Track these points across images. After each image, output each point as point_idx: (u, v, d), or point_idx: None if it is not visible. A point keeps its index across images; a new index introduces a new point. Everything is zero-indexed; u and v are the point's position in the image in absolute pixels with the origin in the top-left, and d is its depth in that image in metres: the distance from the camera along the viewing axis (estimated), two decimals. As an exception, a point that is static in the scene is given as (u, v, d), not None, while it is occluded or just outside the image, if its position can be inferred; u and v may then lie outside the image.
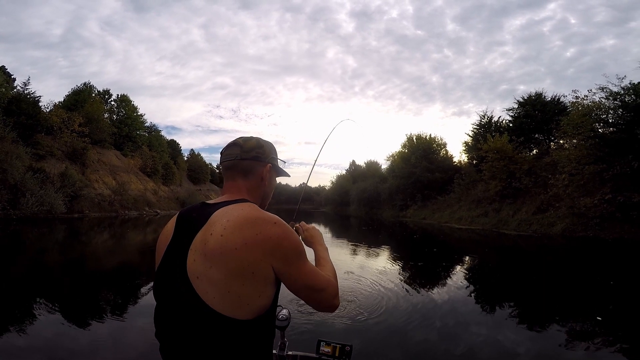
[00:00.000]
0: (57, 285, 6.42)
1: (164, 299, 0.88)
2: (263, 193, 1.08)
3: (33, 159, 24.92)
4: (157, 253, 0.97)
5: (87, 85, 41.96)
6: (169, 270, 0.88)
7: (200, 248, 0.83)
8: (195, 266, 0.82)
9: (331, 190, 69.97)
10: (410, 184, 33.93)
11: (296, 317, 4.28)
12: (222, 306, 0.79)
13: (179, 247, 0.88)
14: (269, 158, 1.06)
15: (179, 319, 0.83)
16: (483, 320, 4.78)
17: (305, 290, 0.92)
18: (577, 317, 4.95)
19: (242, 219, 0.85)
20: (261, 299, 0.83)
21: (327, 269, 1.07)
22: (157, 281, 0.91)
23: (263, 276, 0.83)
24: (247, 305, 0.81)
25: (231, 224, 0.83)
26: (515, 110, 26.82)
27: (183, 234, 0.90)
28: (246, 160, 1.03)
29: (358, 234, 19.01)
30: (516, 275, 8.18)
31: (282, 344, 1.32)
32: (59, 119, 31.21)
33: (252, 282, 0.81)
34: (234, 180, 1.03)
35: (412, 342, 4.02)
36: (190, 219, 0.92)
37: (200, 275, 0.81)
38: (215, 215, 0.87)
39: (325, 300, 0.95)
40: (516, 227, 18.89)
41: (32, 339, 3.84)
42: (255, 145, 1.05)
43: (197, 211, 0.93)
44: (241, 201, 0.95)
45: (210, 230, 0.84)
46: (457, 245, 14.84)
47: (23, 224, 17.85)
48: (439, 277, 7.58)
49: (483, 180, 24.73)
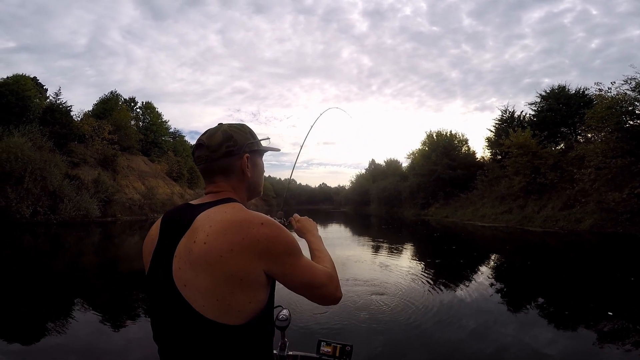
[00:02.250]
0: (92, 286, 6.84)
1: (155, 305, 0.86)
2: (248, 185, 1.00)
3: (68, 166, 26.41)
4: (144, 258, 0.93)
5: (113, 93, 43.93)
6: (157, 277, 0.85)
7: (184, 256, 0.80)
8: (181, 274, 0.79)
9: (351, 190, 70.09)
10: (431, 181, 33.52)
11: (297, 317, 4.19)
12: (212, 313, 0.77)
13: (164, 253, 0.85)
14: (244, 146, 0.96)
15: (171, 325, 0.82)
16: (509, 320, 4.69)
17: (305, 289, 0.88)
18: (609, 315, 4.77)
19: (226, 223, 0.80)
20: (252, 304, 0.80)
21: (324, 260, 1.02)
22: (148, 288, 0.89)
23: (253, 281, 0.79)
24: (238, 312, 0.78)
25: (214, 229, 0.79)
26: (538, 104, 26.11)
27: (167, 239, 0.87)
28: (218, 160, 0.93)
29: (378, 233, 19.09)
30: (543, 273, 8.02)
31: (282, 344, 1.30)
32: (90, 127, 32.96)
33: (242, 289, 0.78)
34: (215, 182, 0.96)
35: (437, 342, 3.96)
36: (173, 223, 0.88)
37: (187, 283, 0.78)
38: (198, 219, 0.83)
39: (327, 295, 0.91)
40: (542, 223, 18.41)
41: (69, 338, 4.04)
42: (222, 139, 0.93)
43: (180, 214, 0.89)
44: (226, 201, 0.90)
45: (193, 237, 0.80)
46: (480, 243, 14.67)
47: (62, 228, 19.07)
48: (460, 275, 7.60)
49: (507, 176, 24.16)
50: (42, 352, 3.71)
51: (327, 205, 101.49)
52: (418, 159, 39.06)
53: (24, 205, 20.84)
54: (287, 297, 0.86)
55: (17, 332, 4.29)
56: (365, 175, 63.68)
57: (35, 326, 4.47)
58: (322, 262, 1.01)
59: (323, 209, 75.71)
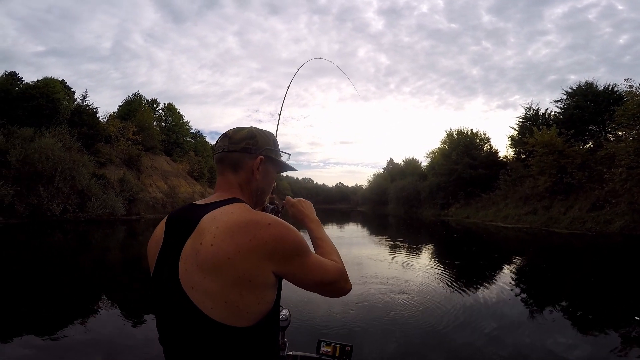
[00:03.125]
0: (117, 282, 7.08)
1: (161, 308, 0.85)
2: (256, 188, 0.98)
3: (96, 166, 27.50)
4: (149, 259, 0.93)
5: (137, 95, 45.44)
6: (163, 279, 0.84)
7: (191, 258, 0.79)
8: (188, 276, 0.78)
9: (368, 189, 69.58)
10: (451, 181, 32.88)
11: (296, 317, 4.18)
12: (221, 316, 0.76)
13: (169, 255, 0.84)
14: (262, 149, 0.97)
15: (178, 327, 0.81)
16: (530, 323, 4.58)
17: (316, 287, 0.89)
18: (636, 320, 4.59)
19: (233, 224, 0.79)
20: (261, 305, 0.79)
21: (329, 251, 1.00)
22: (153, 290, 0.88)
23: (261, 282, 0.79)
24: (247, 314, 0.78)
25: (221, 231, 0.78)
26: (564, 101, 25.20)
27: (172, 240, 0.86)
28: (234, 152, 0.95)
29: (396, 233, 18.90)
30: (568, 275, 7.76)
31: (282, 344, 1.29)
32: (115, 128, 34.20)
33: (250, 290, 0.77)
34: (224, 175, 0.96)
35: (454, 344, 3.90)
36: (179, 224, 0.87)
37: (195, 286, 0.77)
38: (204, 220, 0.82)
39: (339, 289, 0.93)
40: (568, 225, 17.74)
41: (93, 333, 4.17)
42: (245, 136, 0.96)
43: (185, 215, 0.88)
44: (231, 201, 0.88)
45: (200, 239, 0.79)
46: (502, 245, 14.29)
47: (90, 226, 19.89)
48: (480, 277, 7.45)
49: (531, 175, 23.40)
50: (68, 347, 3.84)
51: (344, 205, 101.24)
52: (438, 158, 38.41)
53: (55, 204, 21.86)
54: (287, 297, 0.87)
55: (45, 326, 4.47)
56: (383, 175, 63.07)
57: (62, 321, 4.66)
58: (328, 253, 0.99)
59: (340, 209, 75.59)
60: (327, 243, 1.04)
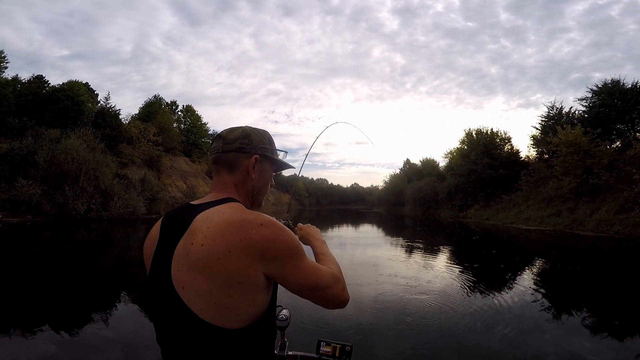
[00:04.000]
0: (137, 279, 7.12)
1: (156, 308, 0.85)
2: (252, 187, 0.98)
3: (118, 166, 28.38)
4: (145, 260, 0.93)
5: (156, 97, 46.60)
6: (157, 279, 0.84)
7: (183, 258, 0.79)
8: (179, 276, 0.78)
9: (384, 190, 68.90)
10: (470, 182, 32.12)
11: (296, 317, 4.15)
12: (211, 317, 0.75)
13: (163, 255, 0.84)
14: (257, 149, 0.96)
15: (172, 328, 0.81)
16: (553, 328, 4.46)
17: (308, 291, 0.85)
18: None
19: (224, 223, 0.78)
20: (252, 307, 0.78)
21: (329, 263, 1.00)
22: (148, 290, 0.88)
23: (252, 284, 0.77)
24: (237, 315, 0.76)
25: (212, 231, 0.77)
26: (589, 99, 24.21)
27: (167, 240, 0.85)
28: (229, 152, 0.95)
29: (413, 235, 18.62)
30: (593, 279, 7.45)
31: (282, 344, 1.30)
32: (137, 129, 35.19)
33: (240, 292, 0.76)
34: (220, 176, 0.96)
35: (470, 347, 3.83)
36: (173, 224, 0.86)
37: (185, 286, 0.77)
38: (197, 220, 0.81)
39: (333, 297, 0.88)
40: (594, 227, 17.01)
41: (114, 331, 4.23)
42: (239, 136, 0.95)
43: (180, 215, 0.87)
44: (226, 201, 0.88)
45: (191, 239, 0.78)
46: (524, 248, 13.84)
47: (112, 224, 20.52)
48: (499, 280, 7.23)
49: (555, 176, 22.58)
50: (88, 343, 3.93)
51: (359, 206, 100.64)
52: (456, 158, 37.64)
53: (79, 203, 22.65)
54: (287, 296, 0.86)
55: (67, 322, 4.61)
56: (400, 175, 62.28)
57: (84, 317, 4.75)
58: (327, 263, 0.99)
59: (355, 209, 75.22)
60: (329, 257, 1.04)
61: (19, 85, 29.45)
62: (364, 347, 3.74)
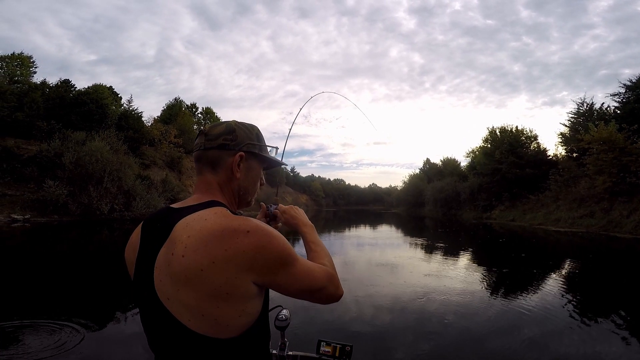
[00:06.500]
0: None
1: (143, 316, 0.82)
2: (238, 187, 0.91)
3: (140, 167, 29.08)
4: (127, 267, 0.90)
5: (177, 100, 47.67)
6: (141, 288, 0.79)
7: (164, 269, 0.73)
8: (163, 287, 0.73)
9: (403, 191, 67.49)
10: (495, 181, 31.01)
11: (296, 317, 4.16)
12: (201, 328, 0.71)
13: (145, 263, 0.79)
14: (242, 145, 0.89)
15: (161, 337, 0.77)
16: (580, 332, 4.29)
17: (303, 294, 0.82)
18: None
19: (206, 232, 0.72)
20: (243, 317, 0.74)
21: (321, 255, 0.95)
22: (133, 298, 0.85)
23: (241, 295, 0.72)
24: (227, 326, 0.72)
25: (192, 240, 0.71)
26: (622, 95, 22.97)
27: (147, 248, 0.80)
28: (211, 149, 0.88)
29: (434, 236, 18.00)
30: (632, 285, 6.89)
31: (282, 344, 1.30)
32: (159, 131, 36.00)
33: (229, 303, 0.71)
34: (203, 175, 0.89)
35: (490, 349, 3.74)
36: (153, 230, 0.81)
37: (170, 297, 0.72)
38: (177, 228, 0.75)
39: (328, 295, 0.86)
40: (632, 229, 15.93)
41: (135, 325, 4.24)
42: (223, 131, 0.89)
43: (160, 220, 0.82)
44: (209, 205, 0.81)
45: (171, 249, 0.73)
46: (556, 251, 13.05)
47: (134, 224, 20.82)
48: (529, 286, 6.73)
49: (587, 175, 21.42)
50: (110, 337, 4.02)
51: (378, 206, 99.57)
52: (479, 157, 36.48)
53: (103, 203, 23.28)
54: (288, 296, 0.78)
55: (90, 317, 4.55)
56: (420, 175, 60.94)
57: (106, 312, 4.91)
58: (320, 257, 0.94)
59: (373, 210, 74.53)
60: (321, 247, 1.00)
61: (47, 89, 30.64)
62: (364, 347, 3.70)
